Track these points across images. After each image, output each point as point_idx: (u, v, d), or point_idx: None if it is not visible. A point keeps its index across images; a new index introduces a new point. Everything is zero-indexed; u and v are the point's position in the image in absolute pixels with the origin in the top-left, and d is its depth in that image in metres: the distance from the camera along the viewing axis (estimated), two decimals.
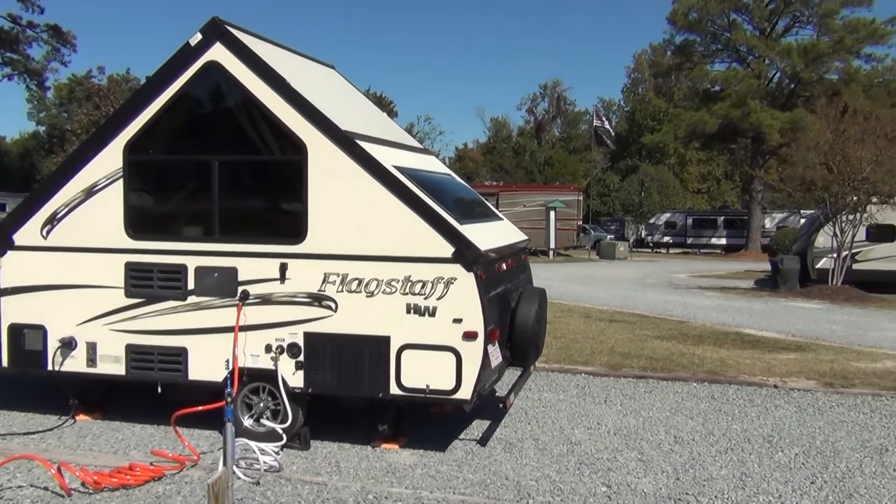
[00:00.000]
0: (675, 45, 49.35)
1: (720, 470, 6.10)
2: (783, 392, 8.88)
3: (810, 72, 42.84)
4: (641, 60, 76.81)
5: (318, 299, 6.19)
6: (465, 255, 5.89)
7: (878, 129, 20.75)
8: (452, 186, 7.67)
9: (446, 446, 6.53)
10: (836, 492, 5.65)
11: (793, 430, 7.28)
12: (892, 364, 10.56)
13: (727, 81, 45.59)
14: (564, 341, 11.68)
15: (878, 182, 20.25)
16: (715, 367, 10.07)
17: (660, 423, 7.43)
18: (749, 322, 14.88)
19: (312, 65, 8.03)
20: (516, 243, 7.54)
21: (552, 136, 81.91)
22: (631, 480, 5.82)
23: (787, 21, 46.23)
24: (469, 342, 5.86)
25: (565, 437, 6.94)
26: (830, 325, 14.81)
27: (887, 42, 42.59)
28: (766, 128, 41.13)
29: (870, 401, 8.50)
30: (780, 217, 47.58)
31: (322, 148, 6.21)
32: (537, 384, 8.94)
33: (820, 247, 23.00)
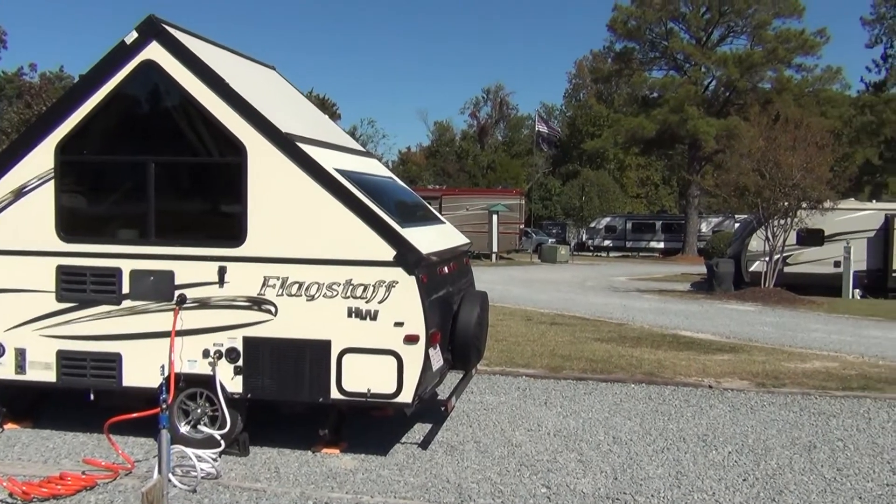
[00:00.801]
0: (615, 52, 50.25)
1: (657, 469, 6.22)
2: (717, 392, 9.10)
3: (744, 80, 44.08)
4: (582, 66, 77.91)
5: (257, 303, 6.11)
6: (406, 259, 5.89)
7: (808, 138, 21.48)
8: (394, 190, 7.67)
9: (388, 450, 6.51)
10: (766, 488, 5.82)
11: (726, 429, 7.46)
12: (821, 364, 10.93)
13: (665, 88, 46.61)
14: (506, 344, 11.77)
15: (808, 188, 20.96)
16: (652, 368, 10.27)
17: (599, 424, 7.54)
18: (685, 324, 15.21)
19: (253, 66, 7.94)
20: (458, 247, 7.57)
21: (495, 141, 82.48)
22: (570, 481, 5.89)
23: (723, 31, 47.54)
24: (410, 345, 5.86)
25: (506, 439, 6.98)
26: (762, 326, 15.25)
27: (817, 53, 44.13)
28: (703, 134, 42.17)
29: (799, 400, 8.78)
30: (715, 221, 48.82)
31: (262, 150, 6.13)
32: (479, 387, 8.98)
33: (753, 250, 23.69)
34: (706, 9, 46.26)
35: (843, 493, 5.75)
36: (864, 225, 23.96)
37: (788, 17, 44.49)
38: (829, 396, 8.95)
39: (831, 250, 23.63)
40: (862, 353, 12.07)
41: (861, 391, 9.20)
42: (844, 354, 11.87)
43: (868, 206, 25.63)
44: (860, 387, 9.40)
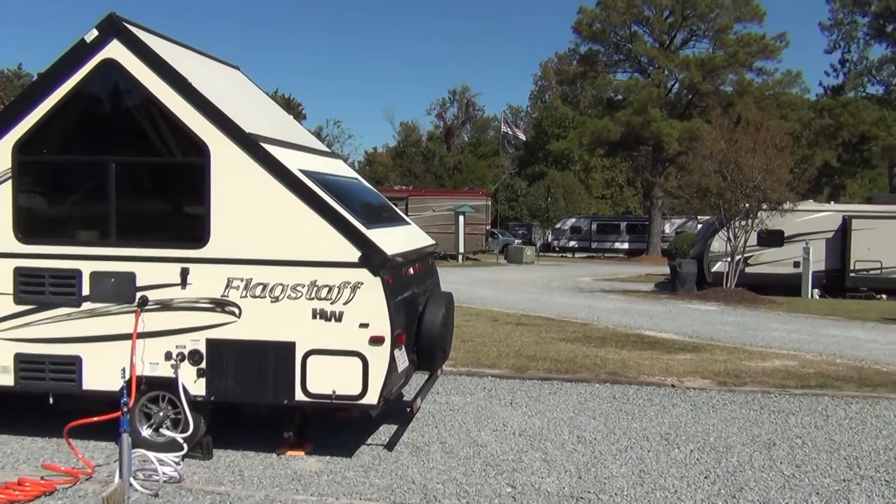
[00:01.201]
0: (580, 54, 50.69)
1: (620, 468, 6.28)
2: (680, 391, 9.22)
3: (706, 83, 44.72)
4: (548, 68, 78.39)
5: (221, 305, 6.05)
6: (371, 260, 5.87)
7: (768, 140, 21.86)
8: (359, 191, 7.65)
9: (353, 452, 6.50)
10: (727, 485, 5.91)
11: (689, 428, 7.56)
12: (780, 363, 11.12)
13: (629, 90, 47.12)
14: (472, 345, 11.80)
15: (768, 190, 21.33)
16: (616, 367, 10.37)
17: (564, 424, 7.60)
18: (649, 324, 15.39)
19: (216, 65, 7.86)
20: (423, 248, 7.57)
21: (461, 142, 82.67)
22: (535, 480, 5.93)
23: (685, 34, 48.20)
24: (375, 347, 5.84)
25: (472, 439, 7.01)
26: (724, 326, 15.48)
27: (776, 57, 44.93)
28: (666, 136, 42.71)
29: (759, 398, 8.93)
30: (678, 222, 49.47)
31: (225, 150, 6.08)
32: (444, 388, 8.99)
33: (715, 251, 24.05)
34: (669, 12, 46.87)
35: (802, 489, 5.86)
36: (823, 226, 24.44)
37: (749, 22, 45.28)
38: (788, 394, 9.11)
39: (791, 251, 24.08)
40: (820, 351, 12.31)
41: (819, 389, 9.38)
42: (803, 353, 12.10)
43: (826, 208, 26.18)
44: (818, 385, 9.58)
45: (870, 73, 49.78)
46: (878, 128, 44.22)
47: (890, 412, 8.37)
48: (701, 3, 44.67)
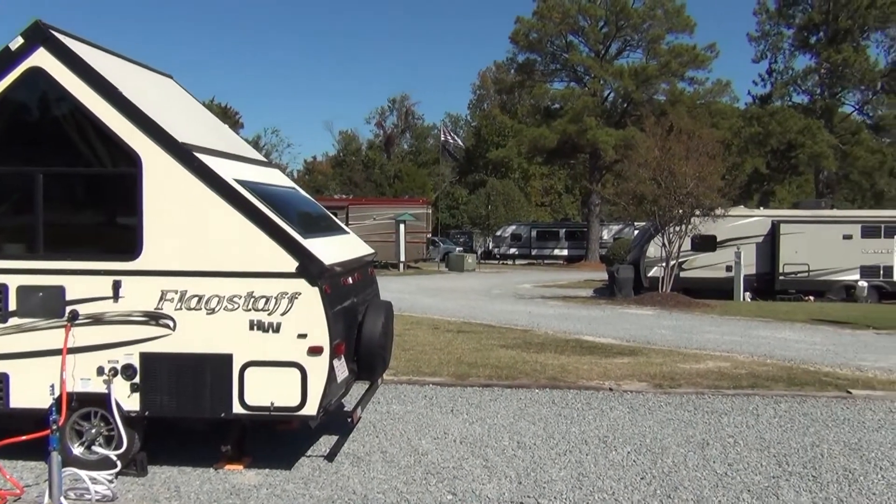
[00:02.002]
0: (518, 63, 51.30)
1: (559, 472, 6.36)
2: (618, 394, 9.38)
3: (640, 92, 45.77)
4: (486, 77, 79.10)
5: (154, 318, 5.93)
6: (309, 270, 5.84)
7: (700, 148, 22.46)
8: (296, 200, 7.59)
9: (293, 464, 6.43)
10: (663, 486, 6.04)
11: (626, 430, 7.70)
12: (714, 364, 11.42)
13: (565, 99, 47.90)
14: (413, 353, 11.80)
15: (701, 196, 21.91)
16: (556, 373, 10.51)
17: (504, 430, 7.66)
18: (588, 329, 15.62)
19: (148, 73, 7.72)
20: (362, 257, 7.55)
21: (401, 150, 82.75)
22: (476, 487, 5.96)
23: (620, 44, 49.29)
24: (314, 357, 5.81)
25: (413, 447, 7.01)
26: (660, 329, 15.82)
27: (707, 67, 46.29)
28: (602, 144, 43.52)
29: (693, 399, 9.15)
30: (616, 229, 50.32)
31: (157, 160, 5.97)
32: (385, 397, 8.97)
33: (651, 257, 24.57)
34: (604, 23, 47.85)
35: (734, 486, 6.03)
36: (753, 231, 25.21)
37: (680, 33, 46.58)
38: (721, 395, 9.36)
39: (723, 255, 24.76)
40: (751, 352, 12.68)
41: (750, 389, 9.66)
42: (735, 354, 12.44)
43: (756, 213, 27.00)
44: (749, 385, 9.87)
45: (795, 83, 51.57)
46: (804, 136, 45.81)
47: (817, 410, 8.67)
48: (634, 14, 45.77)
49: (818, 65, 49.31)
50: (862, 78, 47.64)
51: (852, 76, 47.80)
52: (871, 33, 48.58)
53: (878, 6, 45.66)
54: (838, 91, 50.06)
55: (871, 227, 24.55)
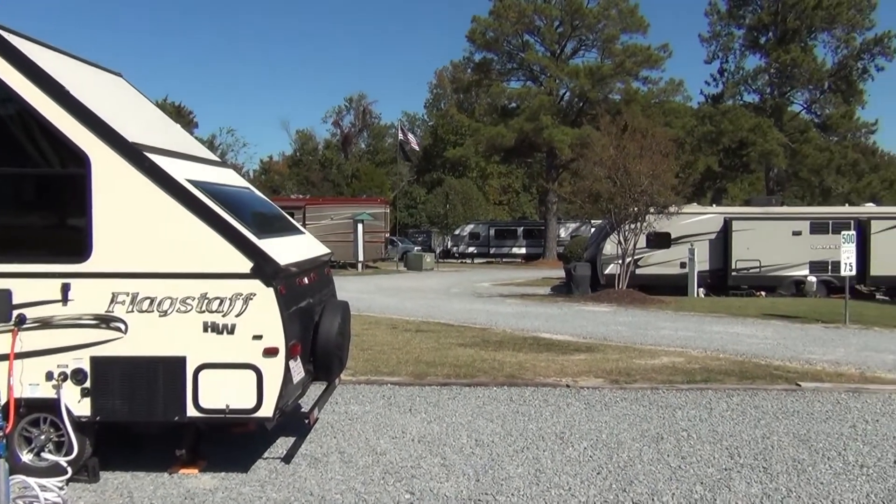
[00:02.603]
0: (475, 62, 51.44)
1: (517, 468, 6.40)
2: (574, 391, 9.48)
3: (596, 91, 46.26)
4: (443, 76, 79.14)
5: (105, 321, 5.82)
6: (263, 270, 5.78)
7: (654, 146, 22.81)
8: (251, 200, 7.51)
9: (249, 466, 6.37)
10: (618, 480, 6.12)
11: (582, 426, 7.79)
12: (668, 360, 11.60)
13: (522, 98, 48.18)
14: (371, 353, 11.77)
15: (655, 194, 22.25)
16: (514, 370, 10.57)
17: (462, 428, 7.68)
18: (545, 326, 15.74)
19: (97, 72, 7.57)
20: (318, 257, 7.51)
21: (359, 149, 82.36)
22: (434, 486, 5.97)
23: (575, 44, 49.75)
24: (270, 358, 5.76)
25: (371, 447, 6.99)
26: (617, 326, 16.01)
27: (660, 67, 46.98)
28: (558, 143, 43.88)
29: (648, 394, 9.28)
30: (573, 227, 50.85)
31: (107, 160, 5.86)
32: (343, 397, 8.94)
33: (607, 254, 24.87)
34: (559, 23, 48.24)
35: (687, 479, 6.13)
36: (707, 228, 25.66)
37: (634, 33, 47.20)
38: (675, 390, 9.52)
39: (677, 252, 25.18)
40: (705, 347, 12.91)
41: (704, 383, 9.84)
42: (689, 349, 12.66)
43: (709, 210, 27.49)
44: (703, 379, 10.05)
45: (746, 83, 52.57)
46: (755, 134, 46.75)
47: (767, 402, 8.86)
48: (588, 14, 46.23)
49: (768, 65, 50.36)
50: (810, 78, 48.77)
51: (800, 76, 48.90)
52: (818, 34, 49.76)
53: (825, 7, 46.80)
54: (787, 90, 51.18)
55: (819, 224, 25.16)
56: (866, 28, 48.23)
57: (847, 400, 9.04)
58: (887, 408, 8.65)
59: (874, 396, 9.24)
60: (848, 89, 49.52)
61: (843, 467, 6.45)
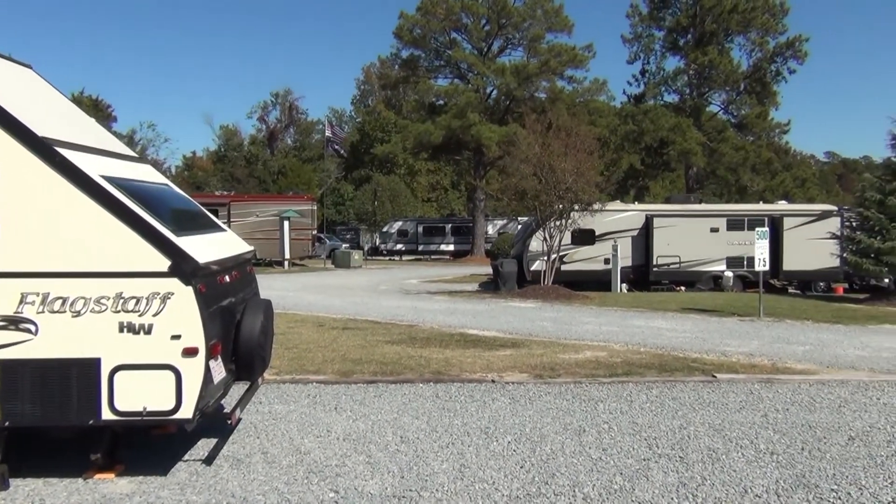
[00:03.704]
0: (402, 59, 51.37)
1: (442, 464, 6.44)
2: (500, 386, 9.58)
3: (522, 90, 46.79)
4: (370, 73, 78.78)
5: (14, 322, 5.59)
6: (182, 269, 5.66)
7: (579, 144, 23.20)
8: (169, 197, 7.33)
9: (168, 469, 6.22)
10: (541, 473, 6.21)
11: (507, 421, 7.88)
12: (591, 354, 11.83)
13: (449, 95, 48.35)
14: (296, 351, 11.64)
15: (580, 191, 22.65)
16: (440, 367, 10.62)
17: (388, 425, 7.68)
18: (472, 323, 15.85)
19: (4, 64, 7.26)
20: (240, 254, 7.38)
21: (285, 146, 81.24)
22: (358, 484, 5.95)
23: (502, 42, 50.19)
24: (189, 358, 5.63)
25: (295, 447, 6.92)
26: (542, 321, 16.24)
27: (585, 66, 47.83)
28: (486, 140, 44.22)
29: (572, 388, 9.45)
30: (500, 224, 51.29)
31: (14, 155, 5.63)
32: (267, 397, 8.82)
33: (533, 251, 25.20)
34: (486, 21, 48.57)
35: (607, 470, 6.28)
36: (629, 224, 26.27)
37: (559, 33, 47.95)
38: (597, 383, 9.72)
39: (601, 248, 25.71)
40: (627, 341, 13.22)
41: (625, 376, 10.08)
42: (612, 344, 12.94)
43: (632, 208, 28.12)
44: (624, 372, 10.30)
45: (666, 84, 53.96)
46: (675, 133, 48.07)
47: (685, 394, 9.13)
48: (515, 13, 46.71)
49: (687, 66, 51.81)
50: (726, 79, 50.41)
51: (717, 77, 50.50)
52: (734, 37, 51.46)
53: (740, 11, 48.44)
54: (705, 91, 52.76)
55: (735, 221, 26.05)
56: (779, 32, 50.13)
57: (760, 390, 9.39)
58: (797, 397, 9.02)
59: (785, 386, 9.63)
60: (762, 91, 51.40)
61: (755, 455, 6.71)
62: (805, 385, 9.71)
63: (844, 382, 9.90)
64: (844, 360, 11.53)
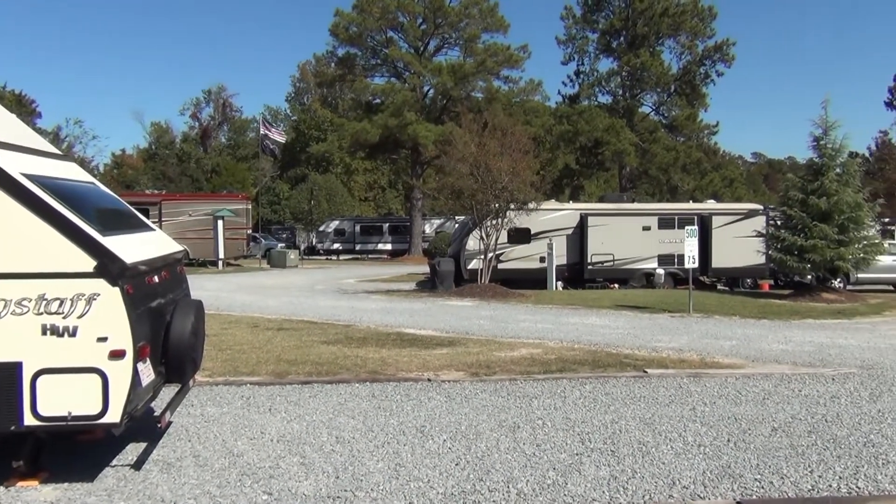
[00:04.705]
0: (338, 57, 50.99)
1: (377, 464, 6.42)
2: (436, 384, 9.61)
3: (458, 89, 46.97)
4: (306, 70, 77.99)
5: None
6: (108, 269, 5.51)
7: (514, 144, 23.41)
8: (95, 196, 7.13)
9: (95, 475, 6.05)
10: (476, 470, 6.26)
11: (443, 419, 7.91)
12: (527, 351, 11.97)
13: (386, 94, 48.20)
14: (230, 353, 11.46)
15: (515, 190, 22.86)
16: (376, 366, 10.59)
17: (323, 426, 7.62)
18: (409, 322, 15.86)
19: None
20: (170, 254, 7.22)
21: (219, 144, 79.74)
22: (292, 485, 5.90)
23: (438, 41, 50.26)
24: (116, 361, 5.49)
25: (227, 449, 6.81)
26: (479, 320, 16.35)
27: (520, 66, 48.29)
28: (422, 139, 44.26)
29: (507, 385, 9.55)
30: (438, 223, 51.44)
31: None
32: (200, 399, 8.66)
33: (470, 249, 25.35)
34: (422, 20, 48.59)
35: (541, 465, 6.36)
36: (564, 223, 26.65)
37: (495, 32, 48.30)
38: (532, 380, 9.84)
39: (537, 247, 26.01)
40: (561, 338, 13.42)
41: (559, 373, 10.23)
42: (547, 341, 13.11)
43: (567, 207, 28.55)
44: (558, 369, 10.45)
45: (600, 85, 54.91)
46: (609, 134, 48.98)
47: (617, 389, 9.32)
48: (451, 13, 46.86)
49: (619, 68, 52.83)
50: (657, 81, 51.61)
51: (649, 79, 51.66)
52: (665, 40, 52.74)
53: (670, 15, 49.67)
54: (638, 93, 53.89)
55: (666, 219, 26.68)
56: (708, 36, 51.57)
57: (689, 384, 9.65)
58: (723, 390, 9.30)
59: (712, 380, 9.91)
60: (692, 93, 52.79)
61: (683, 447, 6.89)
62: (731, 379, 10.01)
63: (768, 376, 10.24)
64: (769, 355, 11.93)
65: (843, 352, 12.32)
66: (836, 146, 22.85)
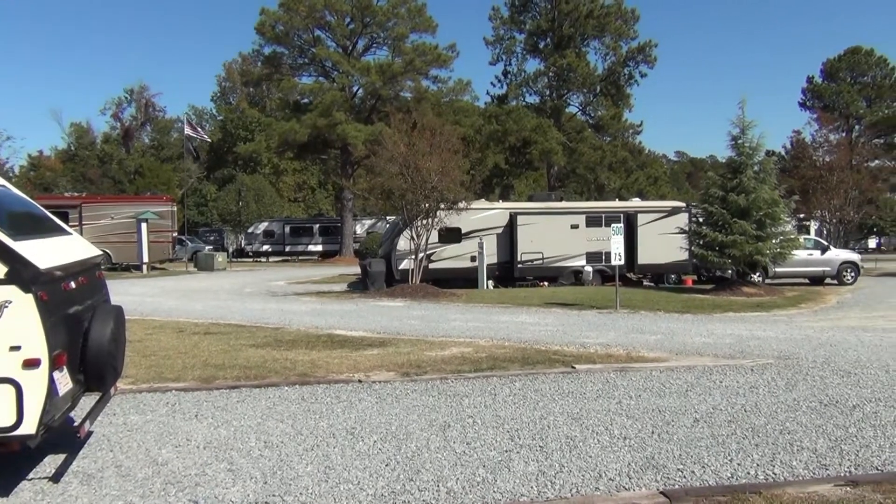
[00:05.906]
0: (264, 55, 50.30)
1: (306, 467, 6.36)
2: (366, 385, 9.56)
3: (387, 89, 46.90)
4: (232, 70, 76.61)
5: None
6: (20, 275, 5.30)
7: (444, 144, 23.48)
8: (7, 199, 6.84)
9: (11, 490, 5.82)
10: (406, 470, 6.26)
11: (373, 420, 7.88)
12: (458, 350, 12.02)
13: (314, 94, 47.79)
14: (154, 359, 11.17)
15: (445, 190, 22.94)
16: (306, 369, 10.48)
17: (251, 431, 7.50)
18: (340, 323, 15.75)
19: None
20: (87, 259, 6.99)
21: (142, 144, 77.61)
22: (219, 492, 5.78)
23: (366, 41, 50.12)
24: (31, 371, 5.28)
25: (151, 458, 6.64)
26: (410, 320, 16.35)
27: (449, 66, 48.54)
28: (352, 139, 44.03)
29: (438, 384, 9.57)
30: (369, 223, 51.25)
31: None
32: (122, 407, 8.42)
33: (401, 250, 25.32)
34: (350, 19, 48.33)
35: (471, 464, 6.40)
36: (494, 222, 26.87)
37: (424, 32, 48.41)
38: (463, 379, 9.88)
39: (468, 246, 26.15)
40: (492, 336, 13.53)
41: (489, 371, 10.31)
42: (478, 339, 13.20)
43: (496, 206, 28.79)
44: (489, 367, 10.53)
45: (527, 85, 55.67)
46: (537, 133, 49.66)
47: (546, 385, 9.45)
48: (378, 12, 46.74)
49: (546, 68, 53.63)
50: (583, 82, 52.58)
51: (575, 80, 52.58)
52: (590, 41, 53.77)
53: (595, 16, 50.67)
54: (564, 93, 54.83)
55: (594, 217, 27.17)
56: (631, 38, 52.82)
57: (615, 379, 9.85)
58: (648, 383, 9.53)
59: (638, 374, 10.14)
60: (617, 93, 53.98)
61: (610, 440, 7.03)
62: (656, 372, 10.26)
63: (691, 368, 10.54)
64: (692, 348, 12.28)
65: (761, 343, 12.78)
66: (753, 145, 23.69)
